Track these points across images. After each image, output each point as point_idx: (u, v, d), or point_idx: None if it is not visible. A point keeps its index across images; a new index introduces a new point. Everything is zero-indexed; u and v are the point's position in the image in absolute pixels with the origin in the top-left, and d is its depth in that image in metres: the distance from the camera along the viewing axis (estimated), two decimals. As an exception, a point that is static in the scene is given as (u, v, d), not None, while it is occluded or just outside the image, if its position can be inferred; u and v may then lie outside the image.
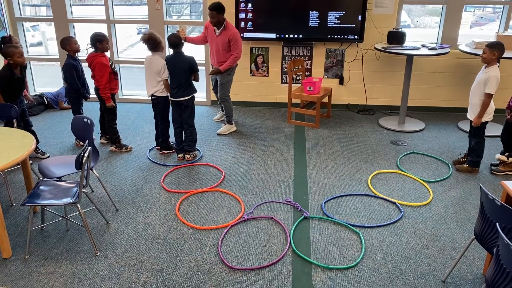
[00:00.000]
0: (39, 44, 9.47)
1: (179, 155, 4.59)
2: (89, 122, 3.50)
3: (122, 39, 8.54)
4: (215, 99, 6.19)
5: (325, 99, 5.75)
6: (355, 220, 3.51)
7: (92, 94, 4.79)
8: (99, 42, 4.45)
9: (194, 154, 4.63)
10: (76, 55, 4.67)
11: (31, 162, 3.88)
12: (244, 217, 3.52)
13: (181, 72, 4.34)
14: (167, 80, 4.41)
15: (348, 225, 3.41)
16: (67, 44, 4.56)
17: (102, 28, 6.18)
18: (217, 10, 4.77)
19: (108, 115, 4.74)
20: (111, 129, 4.77)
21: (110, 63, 4.57)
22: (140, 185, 4.06)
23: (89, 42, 4.50)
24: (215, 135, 5.27)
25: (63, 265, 2.96)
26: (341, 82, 6.12)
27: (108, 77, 4.51)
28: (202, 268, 2.94)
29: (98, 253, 3.08)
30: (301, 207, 3.65)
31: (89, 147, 3.00)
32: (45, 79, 7.54)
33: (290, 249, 3.14)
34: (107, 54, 4.61)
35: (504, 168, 4.29)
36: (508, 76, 5.39)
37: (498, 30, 5.83)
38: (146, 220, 3.50)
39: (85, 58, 4.58)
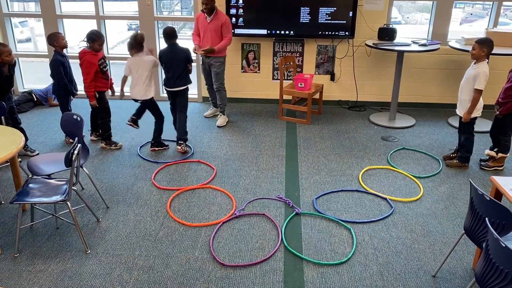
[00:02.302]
0: (28, 40, 9.36)
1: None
2: (78, 119, 3.46)
3: (113, 35, 8.46)
4: (207, 95, 6.18)
5: (316, 96, 5.75)
6: (346, 216, 3.52)
7: (81, 91, 4.74)
8: (92, 40, 4.41)
9: (185, 149, 4.63)
10: (64, 51, 4.62)
11: (20, 159, 3.83)
12: (235, 214, 3.51)
13: (179, 62, 4.48)
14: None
15: (340, 221, 3.43)
16: (54, 39, 4.50)
17: (92, 24, 6.14)
18: None
19: (102, 113, 4.70)
20: (104, 125, 4.74)
21: (101, 61, 4.52)
22: (131, 182, 4.04)
23: (85, 37, 4.46)
24: (206, 131, 5.25)
25: (53, 263, 2.94)
26: (332, 79, 6.12)
27: (94, 76, 4.46)
28: (194, 265, 2.93)
29: (89, 251, 3.06)
30: (292, 203, 3.66)
31: (79, 144, 2.97)
32: (34, 76, 7.45)
33: (282, 245, 3.14)
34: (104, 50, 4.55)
35: (494, 163, 4.33)
36: (497, 72, 5.44)
37: (488, 27, 5.88)
38: (137, 218, 3.48)
39: (73, 54, 4.53)
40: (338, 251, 3.09)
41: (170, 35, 4.46)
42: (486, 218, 2.19)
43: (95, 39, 4.42)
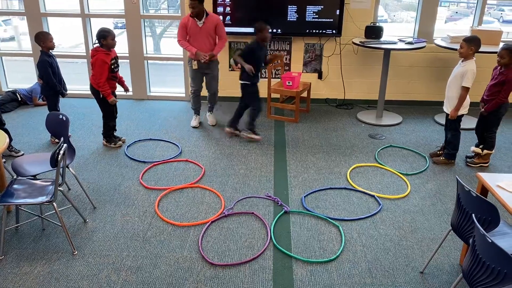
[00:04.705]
0: (12, 39, 9.21)
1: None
2: (64, 118, 3.42)
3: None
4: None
5: (304, 94, 5.76)
6: (335, 213, 3.53)
7: (70, 91, 4.67)
8: (103, 38, 4.30)
9: (247, 135, 4.96)
10: (50, 51, 4.55)
11: (4, 160, 3.77)
12: (224, 213, 3.50)
13: (262, 59, 4.87)
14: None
15: (328, 219, 3.44)
16: (42, 40, 4.43)
17: (77, 22, 6.06)
18: (198, 0, 4.72)
19: (105, 114, 4.63)
20: (106, 126, 4.69)
21: (113, 61, 4.42)
22: (118, 182, 4.00)
23: (95, 39, 4.37)
24: (194, 130, 5.22)
25: (39, 265, 2.89)
26: (320, 77, 6.14)
27: (108, 75, 4.39)
28: (183, 265, 2.91)
29: (76, 252, 3.02)
30: (281, 202, 3.66)
31: (65, 144, 2.93)
32: (18, 75, 7.34)
33: (271, 244, 3.14)
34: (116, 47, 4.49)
35: (479, 160, 4.39)
36: (482, 70, 5.50)
37: (472, 25, 5.94)
38: (125, 218, 3.45)
39: (59, 53, 4.46)
40: (327, 248, 3.10)
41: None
42: (473, 214, 2.22)
43: (106, 35, 4.30)
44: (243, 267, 2.90)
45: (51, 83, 4.51)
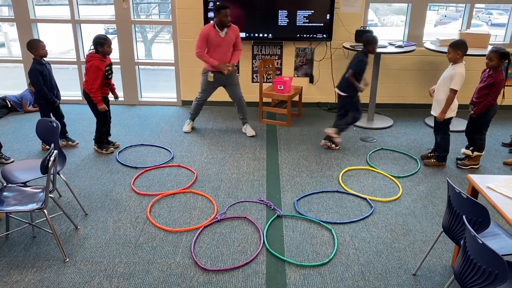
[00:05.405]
0: (1, 45, 9.15)
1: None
2: (54, 125, 3.39)
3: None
4: (186, 99, 6.17)
5: (296, 98, 5.78)
6: (328, 216, 3.54)
7: (64, 97, 4.65)
8: (100, 45, 4.30)
9: (329, 144, 4.90)
10: (43, 59, 4.52)
11: (-6, 167, 3.73)
12: (217, 218, 3.49)
13: (347, 67, 4.72)
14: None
15: (321, 222, 3.44)
16: (34, 48, 4.39)
17: (67, 29, 6.04)
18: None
19: (98, 119, 4.62)
20: (98, 131, 4.68)
21: (107, 68, 4.43)
22: (109, 188, 3.98)
23: (91, 45, 4.36)
24: (186, 136, 5.21)
25: (30, 273, 2.86)
26: (311, 81, 6.17)
27: (101, 82, 4.38)
28: (175, 271, 2.90)
29: (67, 260, 2.99)
30: (274, 206, 3.66)
31: (55, 151, 2.91)
32: (8, 82, 7.28)
33: (264, 248, 3.13)
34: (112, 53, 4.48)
35: (470, 162, 4.42)
36: (470, 72, 5.55)
37: (461, 28, 6.01)
38: (117, 224, 3.42)
39: (51, 59, 4.44)
40: (320, 252, 3.10)
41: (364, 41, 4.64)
42: (463, 216, 2.23)
43: (103, 42, 4.30)
44: (236, 272, 2.89)
45: (42, 91, 4.48)
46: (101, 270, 2.90)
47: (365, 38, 4.65)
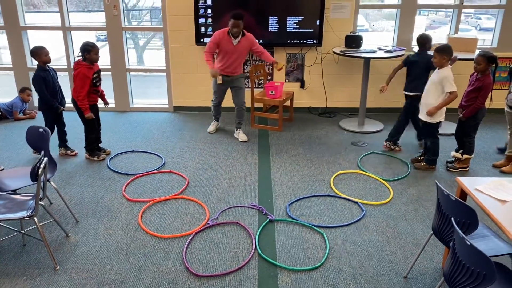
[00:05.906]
0: (-9, 53, 9.08)
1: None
2: (44, 132, 3.38)
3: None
4: (178, 105, 6.18)
5: (287, 103, 5.81)
6: (319, 221, 3.55)
7: (68, 104, 4.65)
8: (87, 52, 4.29)
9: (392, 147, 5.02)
10: (47, 65, 4.51)
11: (-17, 175, 3.70)
12: (209, 224, 3.49)
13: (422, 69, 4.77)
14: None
15: (312, 226, 3.45)
16: (37, 54, 4.42)
17: (58, 36, 6.02)
18: (242, 19, 4.80)
19: (86, 127, 4.60)
20: (87, 139, 4.66)
21: (95, 75, 4.42)
22: (101, 195, 3.96)
23: (79, 52, 4.35)
24: (177, 141, 5.21)
25: (20, 282, 2.84)
26: (302, 86, 6.20)
27: (88, 89, 4.37)
28: (167, 277, 2.89)
29: (58, 267, 2.97)
30: (266, 211, 3.66)
31: (45, 158, 2.90)
32: (-2, 89, 7.24)
33: (256, 253, 3.13)
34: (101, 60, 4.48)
35: (459, 165, 4.47)
36: (459, 76, 5.61)
37: (449, 33, 6.08)
38: (108, 231, 3.41)
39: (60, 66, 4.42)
40: (311, 256, 3.11)
41: (420, 42, 4.82)
42: (452, 218, 2.25)
43: (90, 49, 4.29)
44: (228, 278, 2.89)
45: (44, 98, 4.49)
46: (93, 277, 2.88)
47: (423, 37, 4.87)
